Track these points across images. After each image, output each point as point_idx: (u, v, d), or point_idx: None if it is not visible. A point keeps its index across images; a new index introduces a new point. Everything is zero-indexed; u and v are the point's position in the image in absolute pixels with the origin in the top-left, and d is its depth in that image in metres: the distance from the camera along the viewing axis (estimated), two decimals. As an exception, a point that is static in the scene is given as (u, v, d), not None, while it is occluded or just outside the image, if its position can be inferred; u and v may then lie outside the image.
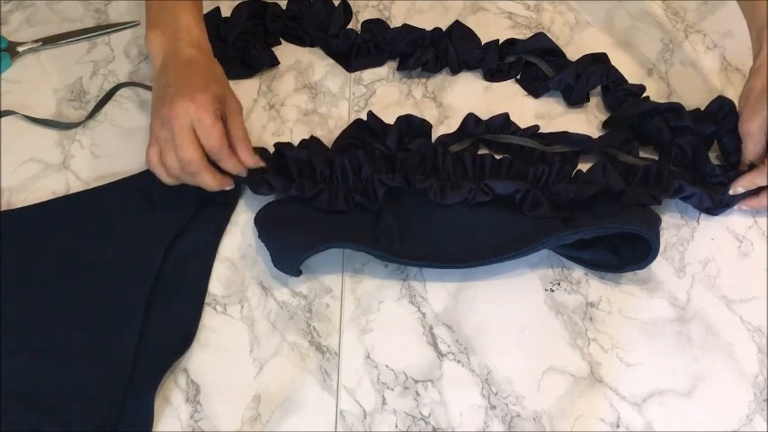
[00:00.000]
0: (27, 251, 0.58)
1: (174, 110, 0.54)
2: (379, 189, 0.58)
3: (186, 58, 0.57)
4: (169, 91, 0.55)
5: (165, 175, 0.56)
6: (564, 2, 0.80)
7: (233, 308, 0.56)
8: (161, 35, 0.59)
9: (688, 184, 0.58)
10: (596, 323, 0.55)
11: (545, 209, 0.57)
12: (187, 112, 0.54)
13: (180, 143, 0.54)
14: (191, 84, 0.55)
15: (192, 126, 0.54)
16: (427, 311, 0.56)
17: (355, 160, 0.59)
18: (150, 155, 0.56)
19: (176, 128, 0.54)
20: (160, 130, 0.55)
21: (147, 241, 0.58)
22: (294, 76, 0.72)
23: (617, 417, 0.51)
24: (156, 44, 0.59)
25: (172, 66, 0.57)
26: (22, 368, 0.52)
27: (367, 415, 0.51)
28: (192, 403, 0.51)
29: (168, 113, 0.54)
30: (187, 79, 0.56)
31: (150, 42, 0.59)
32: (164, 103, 0.55)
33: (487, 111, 0.67)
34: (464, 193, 0.58)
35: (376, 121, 0.65)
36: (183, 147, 0.54)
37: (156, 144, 0.56)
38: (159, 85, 0.57)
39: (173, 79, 0.56)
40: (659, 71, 0.73)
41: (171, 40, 0.58)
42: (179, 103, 0.54)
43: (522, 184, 0.57)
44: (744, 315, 0.55)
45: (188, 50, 0.58)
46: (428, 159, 0.60)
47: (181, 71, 0.56)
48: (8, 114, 0.68)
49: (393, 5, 0.79)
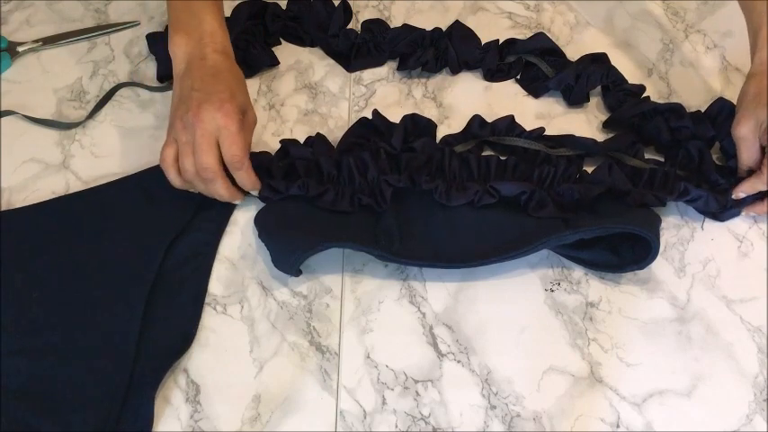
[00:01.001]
0: (27, 251, 0.58)
1: (201, 115, 0.54)
2: (386, 190, 0.58)
3: (212, 64, 0.57)
4: (195, 95, 0.55)
5: (174, 177, 0.56)
6: (564, 2, 0.80)
7: (233, 308, 0.56)
8: (186, 38, 0.58)
9: (693, 187, 0.58)
10: (596, 323, 0.55)
11: (550, 209, 0.57)
12: (213, 119, 0.54)
13: (201, 148, 0.54)
14: (217, 91, 0.55)
15: (216, 133, 0.54)
16: (427, 311, 0.56)
17: (361, 162, 0.59)
18: (165, 154, 0.56)
19: (199, 132, 0.54)
20: (181, 133, 0.55)
21: (147, 241, 0.58)
22: (294, 76, 0.72)
23: (617, 417, 0.51)
24: (180, 47, 0.58)
25: (197, 70, 0.57)
26: (22, 368, 0.52)
27: (367, 415, 0.51)
28: (191, 403, 0.51)
29: (194, 118, 0.54)
30: (214, 86, 0.56)
31: (175, 45, 0.59)
32: (189, 107, 0.55)
33: (488, 111, 0.67)
34: (470, 195, 0.58)
35: (381, 120, 0.65)
36: (203, 152, 0.54)
37: (173, 144, 0.56)
38: (183, 87, 0.57)
39: (198, 84, 0.56)
40: (659, 71, 0.73)
41: (196, 45, 0.58)
42: (206, 109, 0.54)
43: (528, 186, 0.57)
44: (744, 315, 0.55)
45: (214, 56, 0.58)
46: (434, 160, 0.60)
47: (207, 77, 0.56)
48: (8, 114, 0.68)
49: (393, 5, 0.79)
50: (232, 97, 0.56)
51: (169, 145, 0.56)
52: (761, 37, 0.59)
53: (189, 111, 0.55)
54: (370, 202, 0.58)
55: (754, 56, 0.60)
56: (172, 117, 0.57)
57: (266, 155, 0.62)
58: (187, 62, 0.58)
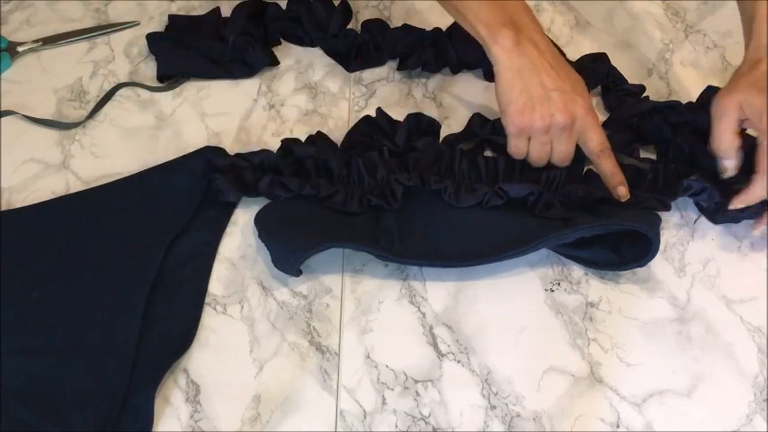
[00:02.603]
0: (27, 251, 0.58)
1: (568, 112, 0.57)
2: (398, 189, 0.58)
3: (549, 59, 0.58)
4: (552, 95, 0.57)
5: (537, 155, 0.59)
6: (564, 2, 0.80)
7: (233, 308, 0.56)
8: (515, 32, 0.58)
9: (694, 181, 0.58)
10: (596, 323, 0.55)
11: (557, 210, 0.57)
12: (576, 114, 0.57)
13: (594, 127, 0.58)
14: (568, 87, 0.58)
15: (576, 127, 0.58)
16: (427, 311, 0.56)
17: (370, 162, 0.59)
18: (515, 146, 0.59)
19: (568, 128, 0.57)
20: (541, 135, 0.58)
21: (147, 241, 0.58)
22: (294, 76, 0.72)
23: (617, 417, 0.51)
24: (509, 39, 0.58)
25: (539, 65, 0.57)
26: (22, 368, 0.52)
27: (367, 415, 0.51)
28: (191, 403, 0.51)
29: (563, 117, 0.57)
30: (562, 82, 0.58)
31: (505, 38, 0.58)
32: (553, 106, 0.57)
33: (488, 111, 0.67)
34: (479, 197, 0.58)
35: (385, 119, 0.65)
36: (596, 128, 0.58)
37: (522, 136, 0.59)
38: (532, 84, 0.57)
39: (547, 80, 0.57)
40: (659, 71, 0.73)
41: (528, 40, 0.58)
42: (567, 104, 0.57)
43: (536, 187, 0.57)
44: (744, 315, 0.55)
45: (549, 52, 0.59)
46: (443, 160, 0.60)
47: (551, 71, 0.58)
48: (8, 114, 0.68)
49: (393, 5, 0.79)
50: (583, 91, 0.59)
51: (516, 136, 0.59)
52: (756, 23, 0.58)
53: (557, 111, 0.57)
54: (380, 202, 0.58)
55: (749, 43, 0.59)
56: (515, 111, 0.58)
57: (268, 153, 0.62)
58: (519, 57, 0.58)
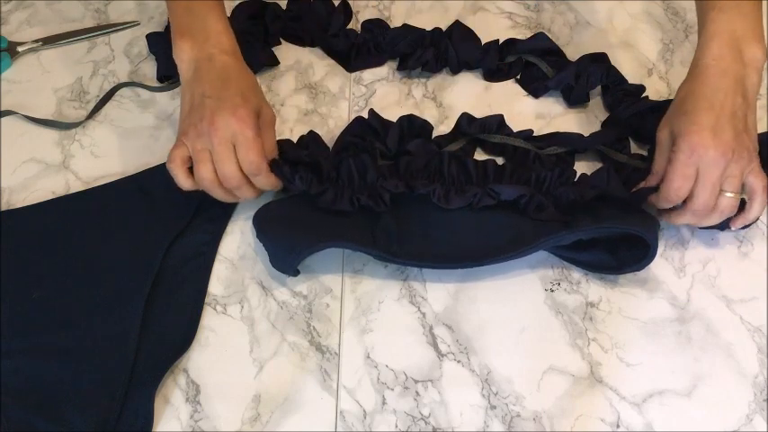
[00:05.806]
0: (27, 251, 0.58)
1: (216, 123, 0.54)
2: (385, 194, 0.58)
3: (220, 67, 0.57)
4: (207, 102, 0.55)
5: (184, 179, 0.56)
6: (564, 2, 0.80)
7: (233, 308, 0.56)
8: (191, 42, 0.57)
9: None
10: (596, 323, 0.55)
11: (550, 212, 0.57)
12: (228, 126, 0.54)
13: (221, 157, 0.54)
14: (230, 96, 0.55)
15: (232, 140, 0.54)
16: (427, 311, 0.56)
17: (361, 164, 0.59)
18: (174, 155, 0.56)
19: (216, 141, 0.54)
20: (195, 140, 0.55)
21: (147, 241, 0.58)
22: (294, 76, 0.72)
23: (617, 417, 0.51)
24: (186, 52, 0.58)
25: (206, 75, 0.57)
26: (22, 368, 0.52)
27: (367, 415, 0.51)
28: (191, 403, 0.51)
29: (209, 127, 0.54)
30: (225, 90, 0.55)
31: (180, 50, 0.58)
32: (203, 116, 0.54)
33: (488, 111, 0.67)
34: (469, 198, 0.58)
35: (377, 120, 0.65)
36: (224, 161, 0.54)
37: (183, 147, 0.55)
38: (194, 94, 0.56)
39: (209, 89, 0.56)
40: (659, 71, 0.73)
41: (202, 48, 0.57)
42: (220, 116, 0.54)
43: (527, 189, 0.57)
44: (744, 315, 0.55)
45: (222, 58, 0.57)
46: (432, 164, 0.60)
47: (217, 81, 0.56)
48: (8, 114, 0.68)
49: (393, 5, 0.79)
50: (245, 101, 0.55)
51: (178, 147, 0.56)
52: (703, 34, 0.56)
53: (203, 119, 0.54)
54: (370, 204, 0.58)
55: (696, 53, 0.57)
56: (184, 124, 0.56)
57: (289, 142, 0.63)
58: (195, 67, 0.57)
